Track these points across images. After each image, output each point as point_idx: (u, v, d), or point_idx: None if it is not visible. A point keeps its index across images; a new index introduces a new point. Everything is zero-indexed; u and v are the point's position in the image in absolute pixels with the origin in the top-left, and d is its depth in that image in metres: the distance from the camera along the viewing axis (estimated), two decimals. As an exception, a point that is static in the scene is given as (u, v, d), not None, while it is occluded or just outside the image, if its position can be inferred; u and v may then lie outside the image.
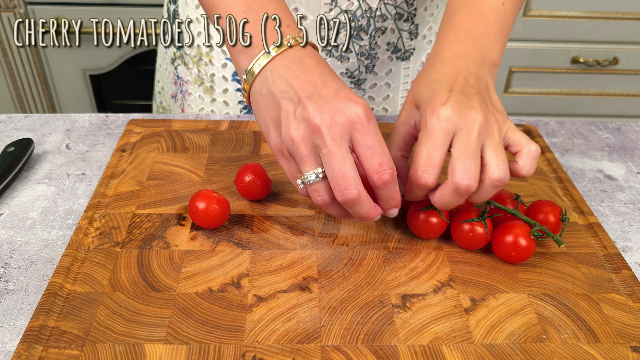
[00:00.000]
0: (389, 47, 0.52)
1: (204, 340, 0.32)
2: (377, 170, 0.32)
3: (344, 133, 0.32)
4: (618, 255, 0.39)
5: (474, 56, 0.37)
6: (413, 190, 0.35)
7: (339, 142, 0.31)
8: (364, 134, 0.32)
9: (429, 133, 0.34)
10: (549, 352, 0.32)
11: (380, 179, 0.32)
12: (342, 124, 0.31)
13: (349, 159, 0.32)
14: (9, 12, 1.05)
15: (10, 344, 0.32)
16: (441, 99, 0.34)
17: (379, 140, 0.32)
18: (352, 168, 0.32)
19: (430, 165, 0.33)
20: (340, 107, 0.32)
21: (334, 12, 0.49)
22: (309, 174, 0.32)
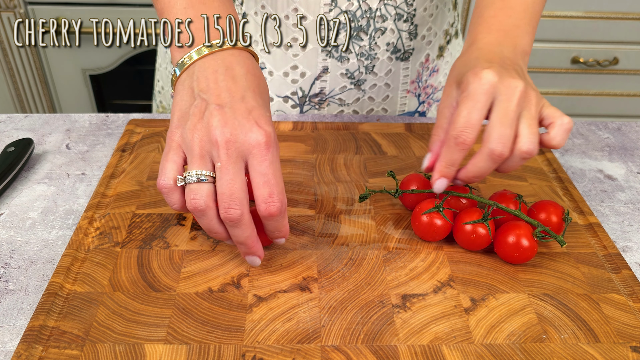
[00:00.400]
0: (389, 48, 0.52)
1: (204, 340, 0.32)
2: (266, 199, 0.31)
3: (240, 153, 0.31)
4: (618, 255, 0.39)
5: (506, 44, 0.38)
6: (450, 151, 0.35)
7: (233, 160, 0.31)
8: (260, 160, 0.31)
9: (469, 95, 0.35)
10: (549, 352, 0.32)
11: (267, 210, 0.31)
12: (241, 144, 0.31)
13: (240, 179, 0.31)
14: (9, 12, 1.05)
15: (10, 344, 0.32)
16: (482, 66, 0.35)
17: (274, 170, 0.31)
18: (241, 189, 0.31)
19: (470, 125, 0.34)
20: (245, 127, 0.31)
21: (334, 13, 0.49)
22: (195, 172, 0.31)
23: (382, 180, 0.45)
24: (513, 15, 0.40)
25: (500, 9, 0.40)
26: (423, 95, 0.58)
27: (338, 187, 0.44)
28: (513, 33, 0.39)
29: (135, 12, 1.07)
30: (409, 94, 0.57)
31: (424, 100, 0.59)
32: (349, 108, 0.56)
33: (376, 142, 0.50)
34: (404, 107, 0.58)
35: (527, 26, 0.40)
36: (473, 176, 0.36)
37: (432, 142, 0.38)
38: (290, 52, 0.52)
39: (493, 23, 0.40)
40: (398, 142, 0.50)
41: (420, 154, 0.49)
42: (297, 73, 0.53)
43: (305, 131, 0.51)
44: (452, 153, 0.35)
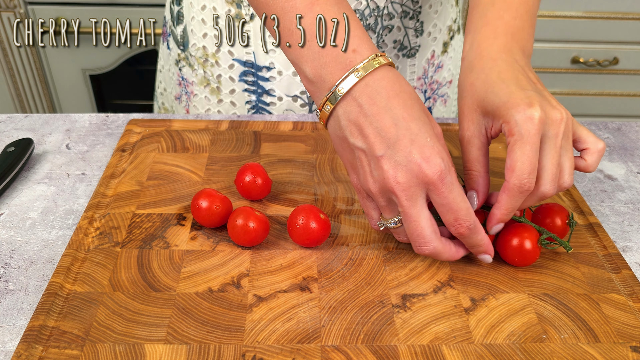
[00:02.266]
0: (395, 45, 0.52)
1: (204, 340, 0.32)
2: (453, 224, 0.33)
3: (419, 192, 0.32)
4: (618, 255, 0.39)
5: (516, 50, 0.37)
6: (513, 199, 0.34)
7: (413, 202, 0.32)
8: (438, 193, 0.32)
9: (524, 138, 0.33)
10: (549, 352, 0.32)
11: (456, 232, 0.34)
12: (417, 186, 0.32)
13: (423, 216, 0.33)
14: (9, 12, 1.05)
15: (10, 344, 0.32)
16: (523, 100, 0.33)
17: (454, 197, 0.32)
18: (426, 225, 0.33)
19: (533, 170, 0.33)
20: (414, 170, 0.31)
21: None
22: (389, 221, 0.35)
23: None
24: (518, 17, 0.38)
25: (505, 9, 0.38)
26: (429, 91, 0.58)
27: (338, 187, 0.44)
28: (519, 36, 0.38)
29: (135, 12, 1.07)
30: (415, 90, 0.57)
31: (429, 96, 0.59)
32: None
33: (376, 142, 0.50)
34: None
35: (530, 28, 0.39)
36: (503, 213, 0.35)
37: (472, 179, 0.36)
38: None
39: (499, 25, 0.38)
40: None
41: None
42: None
43: (305, 131, 0.51)
44: (515, 201, 0.34)
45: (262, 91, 0.55)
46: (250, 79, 0.54)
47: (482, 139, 0.36)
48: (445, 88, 0.60)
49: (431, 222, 0.33)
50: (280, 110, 0.56)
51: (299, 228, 0.37)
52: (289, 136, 0.50)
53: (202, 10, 0.53)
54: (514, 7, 0.39)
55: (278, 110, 0.56)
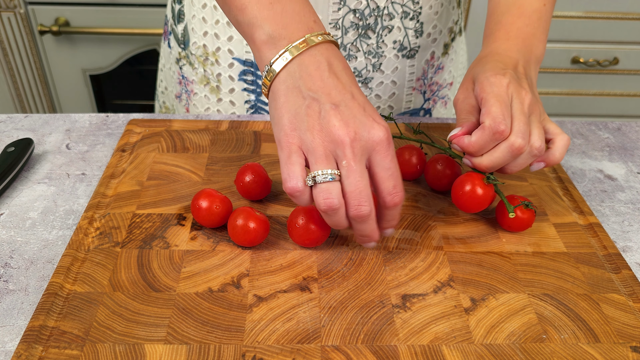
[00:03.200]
0: (395, 46, 0.53)
1: (204, 340, 0.32)
2: (391, 192, 0.33)
3: (365, 150, 0.32)
4: (618, 255, 0.39)
5: (523, 52, 0.41)
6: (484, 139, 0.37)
7: (359, 159, 0.32)
8: (384, 156, 0.32)
9: (495, 93, 0.37)
10: (549, 352, 0.32)
11: (392, 201, 0.33)
12: (365, 142, 0.32)
13: (366, 176, 0.32)
14: (9, 12, 1.05)
15: (10, 344, 0.32)
16: (500, 70, 0.39)
17: (396, 164, 0.33)
18: (368, 185, 0.32)
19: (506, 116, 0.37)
20: (366, 125, 0.32)
21: (343, 12, 0.50)
22: (322, 172, 0.32)
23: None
24: (530, 24, 0.42)
25: (518, 16, 0.42)
26: (428, 93, 0.58)
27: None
28: (529, 41, 0.42)
29: (135, 12, 1.07)
30: (414, 91, 0.57)
31: (429, 98, 0.59)
32: None
33: (376, 142, 0.50)
34: (410, 105, 0.58)
35: (541, 34, 0.43)
36: (487, 167, 0.38)
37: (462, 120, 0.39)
38: None
39: (511, 30, 0.42)
40: (398, 142, 0.50)
41: (420, 154, 0.48)
42: None
43: (305, 131, 0.51)
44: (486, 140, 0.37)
45: (260, 91, 0.55)
46: (250, 78, 0.54)
47: (474, 101, 0.40)
48: (445, 90, 0.60)
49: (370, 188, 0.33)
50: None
51: (299, 228, 0.37)
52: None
53: (203, 8, 0.53)
54: (526, 15, 0.43)
55: None
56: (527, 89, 0.38)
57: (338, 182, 0.32)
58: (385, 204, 0.34)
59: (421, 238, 0.40)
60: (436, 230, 0.40)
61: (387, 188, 0.33)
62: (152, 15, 1.07)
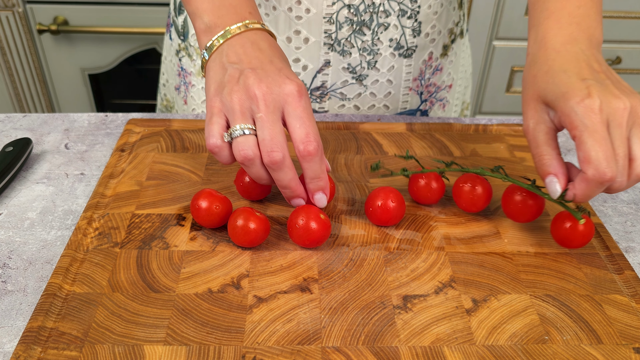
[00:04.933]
0: (392, 44, 0.52)
1: (203, 342, 0.31)
2: (303, 140, 0.35)
3: (277, 103, 0.35)
4: (621, 256, 0.38)
5: (582, 39, 0.36)
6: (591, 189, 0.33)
7: (271, 110, 0.35)
8: (295, 106, 0.35)
9: (589, 128, 0.32)
10: (551, 353, 0.32)
11: (305, 149, 0.35)
12: (277, 95, 0.35)
13: (278, 125, 0.35)
14: (8, 11, 1.04)
15: (8, 345, 0.32)
16: (580, 89, 0.33)
17: (309, 115, 0.35)
18: (280, 133, 0.35)
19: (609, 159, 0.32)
20: (278, 81, 0.35)
21: (337, 7, 0.49)
22: (239, 126, 0.35)
23: (382, 181, 0.45)
24: (581, 5, 0.37)
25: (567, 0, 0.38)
26: (425, 94, 0.58)
27: (339, 187, 0.44)
28: (585, 24, 0.37)
29: (134, 10, 1.06)
30: (411, 91, 0.56)
31: (426, 99, 0.58)
32: (350, 103, 0.56)
33: (377, 142, 0.49)
34: (406, 105, 0.57)
35: (595, 14, 0.38)
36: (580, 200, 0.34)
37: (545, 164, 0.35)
38: (292, 45, 0.52)
39: (562, 15, 0.37)
40: (399, 142, 0.50)
41: (422, 153, 0.48)
42: (300, 66, 0.53)
43: (305, 131, 0.50)
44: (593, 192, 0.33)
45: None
46: None
47: (549, 124, 0.35)
48: (444, 92, 0.59)
49: (284, 137, 0.35)
50: None
51: (299, 228, 0.36)
52: (289, 136, 0.50)
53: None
54: None
55: None
56: (618, 94, 0.33)
57: (254, 135, 0.35)
58: (299, 153, 0.35)
59: (422, 239, 0.39)
60: (437, 231, 0.40)
61: (299, 136, 0.35)
62: (151, 14, 1.06)
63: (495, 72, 1.21)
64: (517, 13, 1.13)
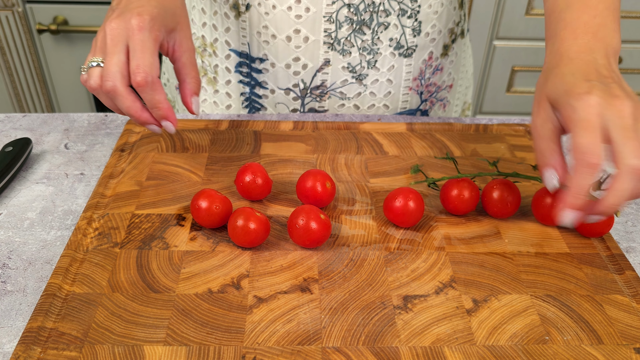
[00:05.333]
0: (392, 43, 0.52)
1: (203, 342, 0.31)
2: (134, 71, 0.37)
3: (120, 37, 0.38)
4: (621, 256, 0.38)
5: (597, 49, 0.36)
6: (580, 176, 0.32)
7: (114, 42, 0.38)
8: (132, 40, 0.37)
9: (582, 120, 0.33)
10: (551, 353, 0.32)
11: (134, 80, 0.37)
12: (122, 30, 0.38)
13: (117, 57, 0.37)
14: (7, 11, 1.04)
15: (8, 345, 0.32)
16: (582, 88, 0.34)
17: (142, 47, 0.37)
18: (116, 64, 0.37)
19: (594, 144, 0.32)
20: (126, 17, 0.38)
21: (337, 5, 0.49)
22: (90, 60, 0.39)
23: (383, 181, 0.45)
24: (597, 15, 0.37)
25: (582, 9, 0.38)
26: (425, 94, 0.58)
27: (339, 187, 0.44)
28: (601, 34, 0.37)
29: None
30: (411, 91, 0.56)
31: (426, 99, 0.58)
32: (349, 102, 0.55)
33: (377, 142, 0.49)
34: (406, 104, 0.57)
35: (613, 23, 0.38)
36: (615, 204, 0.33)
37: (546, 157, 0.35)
38: (292, 43, 0.52)
39: (578, 26, 0.37)
40: (399, 142, 0.50)
41: (422, 153, 0.48)
42: (299, 65, 0.53)
43: (305, 131, 0.50)
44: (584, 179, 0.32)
45: (255, 83, 0.55)
46: (245, 70, 0.54)
47: (555, 123, 0.36)
48: (444, 92, 0.59)
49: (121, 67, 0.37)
50: (272, 104, 0.56)
51: (300, 228, 0.36)
52: (289, 136, 0.50)
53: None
54: (592, 6, 0.38)
55: (270, 103, 0.56)
56: (621, 95, 0.33)
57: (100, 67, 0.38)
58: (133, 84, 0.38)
59: (423, 239, 0.39)
60: (438, 231, 0.40)
61: (131, 67, 0.37)
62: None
63: (495, 72, 1.21)
64: (517, 13, 1.13)
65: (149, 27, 0.38)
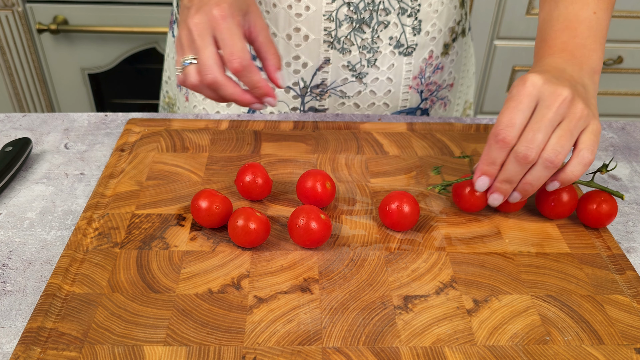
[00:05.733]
0: (392, 42, 0.52)
1: (203, 342, 0.31)
2: (229, 59, 0.39)
3: (206, 30, 0.39)
4: (622, 256, 0.38)
5: (572, 64, 0.38)
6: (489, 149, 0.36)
7: (202, 37, 0.39)
8: (219, 30, 0.39)
9: (512, 96, 0.35)
10: (552, 354, 0.32)
11: (231, 67, 0.39)
12: (205, 23, 0.39)
13: (209, 50, 0.39)
14: (7, 11, 1.04)
15: (8, 345, 0.32)
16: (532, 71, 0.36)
17: (231, 35, 0.39)
18: (210, 56, 0.39)
19: (511, 123, 0.34)
20: (206, 10, 0.39)
21: (337, 4, 0.49)
22: (183, 59, 0.40)
23: (383, 181, 0.45)
24: (577, 35, 0.39)
25: (563, 30, 0.40)
26: (425, 92, 0.58)
27: (339, 187, 0.44)
28: (579, 53, 0.39)
29: (133, 10, 1.06)
30: (411, 89, 0.56)
31: (426, 97, 0.58)
32: (350, 101, 0.55)
33: (378, 142, 0.49)
34: (406, 103, 0.57)
35: (594, 44, 0.39)
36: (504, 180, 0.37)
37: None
38: (292, 42, 0.52)
39: (555, 44, 0.40)
40: (400, 142, 0.49)
41: (422, 153, 0.48)
42: (299, 63, 0.53)
43: (306, 131, 0.50)
44: (491, 151, 0.36)
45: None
46: None
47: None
48: (445, 91, 0.59)
49: (216, 58, 0.39)
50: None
51: (300, 228, 0.36)
52: (289, 136, 0.50)
53: None
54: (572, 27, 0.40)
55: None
56: (567, 92, 0.34)
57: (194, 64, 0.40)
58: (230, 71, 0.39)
59: (423, 239, 0.39)
60: (438, 231, 0.40)
61: (225, 56, 0.39)
62: (151, 13, 1.06)
63: (496, 72, 1.21)
64: (518, 12, 1.13)
65: (230, 14, 0.39)
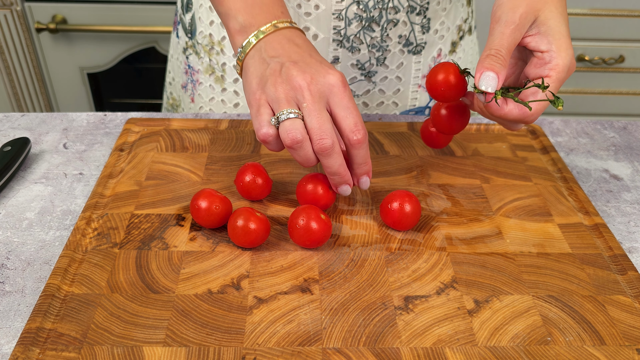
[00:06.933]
0: (401, 40, 0.52)
1: (203, 343, 0.31)
2: (352, 129, 0.36)
3: (322, 93, 0.36)
4: (624, 257, 0.38)
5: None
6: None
7: (317, 99, 0.36)
8: (341, 97, 0.36)
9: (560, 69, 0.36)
10: (553, 354, 0.31)
11: (354, 137, 0.36)
12: (322, 85, 0.36)
13: (325, 113, 0.36)
14: (6, 10, 1.04)
15: (6, 346, 0.32)
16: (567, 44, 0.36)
17: (354, 105, 0.37)
18: (328, 121, 0.36)
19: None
20: (321, 72, 0.37)
21: (346, 3, 0.49)
22: (286, 111, 0.36)
23: (383, 180, 0.45)
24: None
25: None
26: None
27: (339, 186, 0.44)
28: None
29: (133, 9, 1.06)
30: (420, 88, 0.56)
31: None
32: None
33: (378, 142, 0.49)
34: (415, 102, 0.57)
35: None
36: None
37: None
38: None
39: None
40: (400, 142, 0.49)
41: (423, 153, 0.48)
42: None
43: (305, 130, 0.50)
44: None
45: None
46: None
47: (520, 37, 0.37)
48: None
49: (332, 124, 0.36)
50: None
51: (300, 229, 0.36)
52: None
53: None
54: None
55: None
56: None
57: (300, 119, 0.36)
58: (349, 142, 0.36)
59: (424, 239, 0.39)
60: (439, 231, 0.40)
61: (348, 126, 0.36)
62: (151, 13, 1.06)
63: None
64: (518, 11, 1.13)
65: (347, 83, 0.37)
